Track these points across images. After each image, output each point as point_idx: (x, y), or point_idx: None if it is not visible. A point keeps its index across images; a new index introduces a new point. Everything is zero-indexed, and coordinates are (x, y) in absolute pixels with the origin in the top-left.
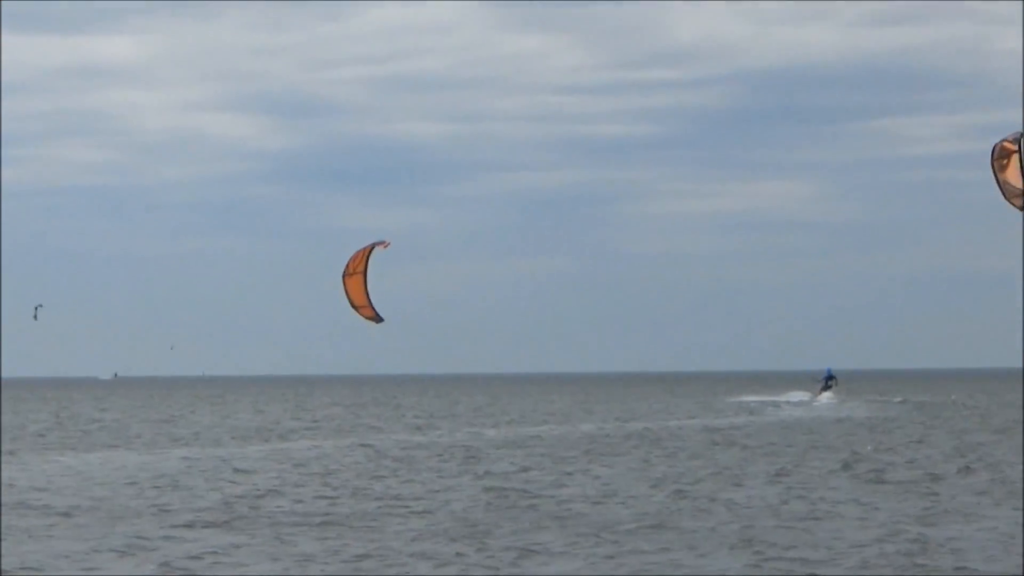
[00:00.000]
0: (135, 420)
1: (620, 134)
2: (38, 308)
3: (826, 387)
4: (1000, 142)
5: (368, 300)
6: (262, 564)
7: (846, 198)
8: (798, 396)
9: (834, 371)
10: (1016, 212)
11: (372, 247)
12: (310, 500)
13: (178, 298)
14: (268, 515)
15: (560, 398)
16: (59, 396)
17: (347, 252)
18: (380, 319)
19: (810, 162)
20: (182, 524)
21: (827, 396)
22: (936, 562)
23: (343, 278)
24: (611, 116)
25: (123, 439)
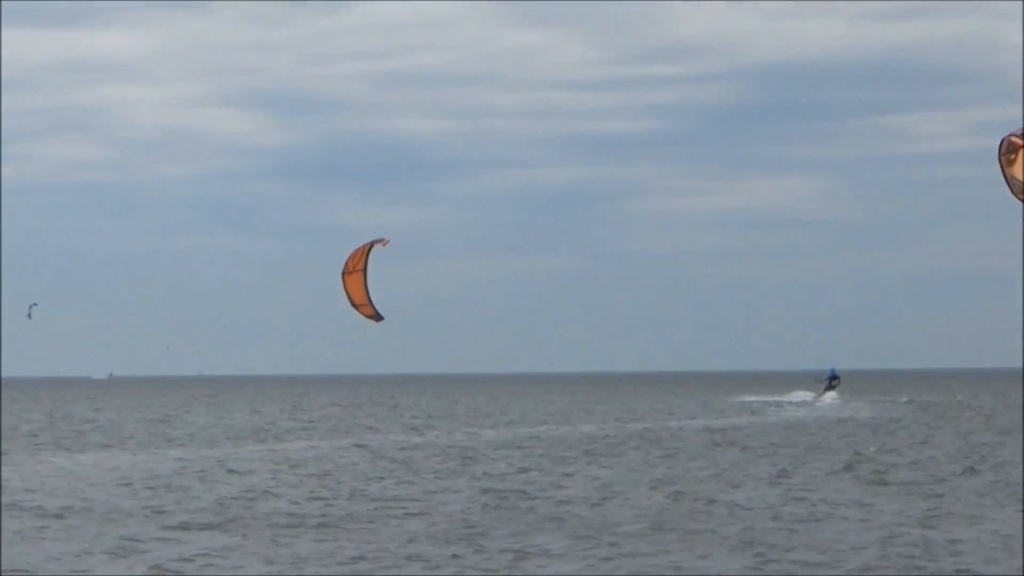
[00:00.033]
0: (129, 420)
1: (622, 130)
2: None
3: (830, 387)
4: (1008, 137)
5: (368, 298)
6: (256, 566)
7: (850, 195)
8: (801, 396)
9: (838, 371)
10: (1020, 209)
11: (371, 245)
12: (305, 501)
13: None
14: (263, 517)
15: (560, 398)
16: (53, 396)
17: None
18: (380, 317)
19: (814, 159)
20: (175, 526)
21: (831, 396)
22: (937, 564)
23: (342, 276)
24: (613, 112)
25: (117, 439)
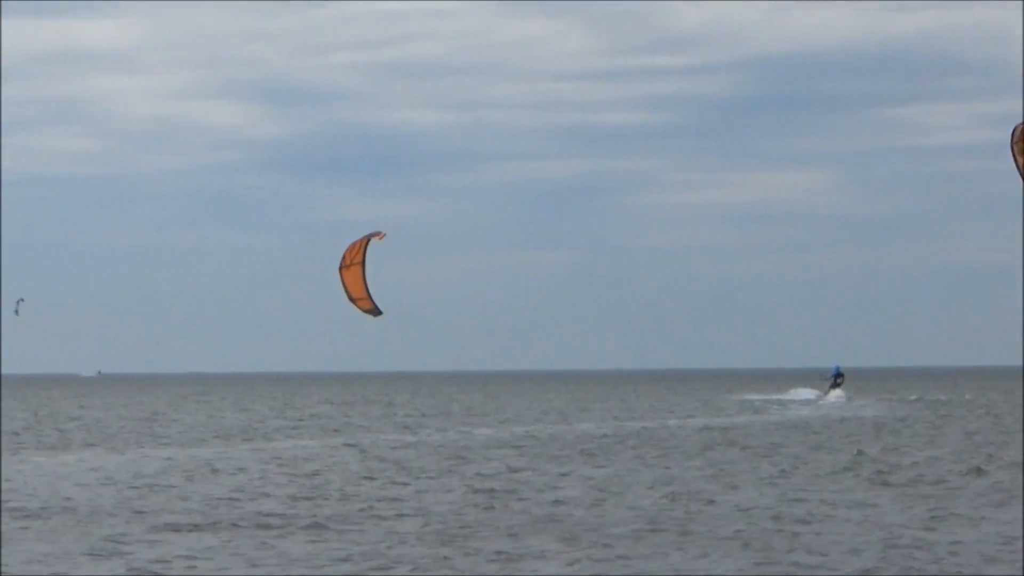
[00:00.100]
0: (116, 418)
1: (623, 122)
2: (19, 302)
3: (834, 385)
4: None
5: (367, 292)
6: (242, 567)
7: (855, 189)
8: (804, 394)
9: (843, 368)
10: None
11: (368, 239)
12: (293, 501)
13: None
14: (250, 517)
15: (557, 396)
16: (39, 394)
17: (341, 245)
18: (379, 312)
19: (818, 152)
20: (160, 526)
21: (836, 394)
22: (938, 566)
23: (340, 270)
24: (614, 104)
25: (102, 438)
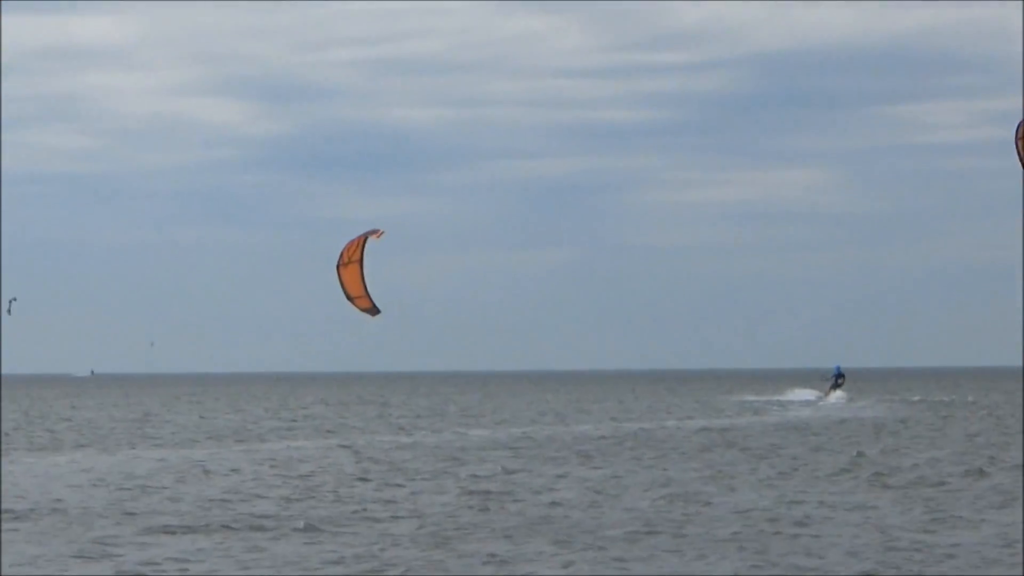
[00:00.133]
0: (107, 419)
1: (624, 120)
2: (12, 302)
3: (836, 385)
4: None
5: (365, 290)
6: (234, 570)
7: (857, 187)
8: (805, 395)
9: (844, 369)
10: None
11: (366, 237)
12: (285, 503)
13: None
14: (241, 519)
15: (555, 397)
16: (31, 394)
17: (339, 244)
18: (377, 310)
19: (819, 150)
20: (151, 528)
21: (837, 395)
22: (937, 568)
23: (337, 268)
24: (614, 101)
25: (93, 439)
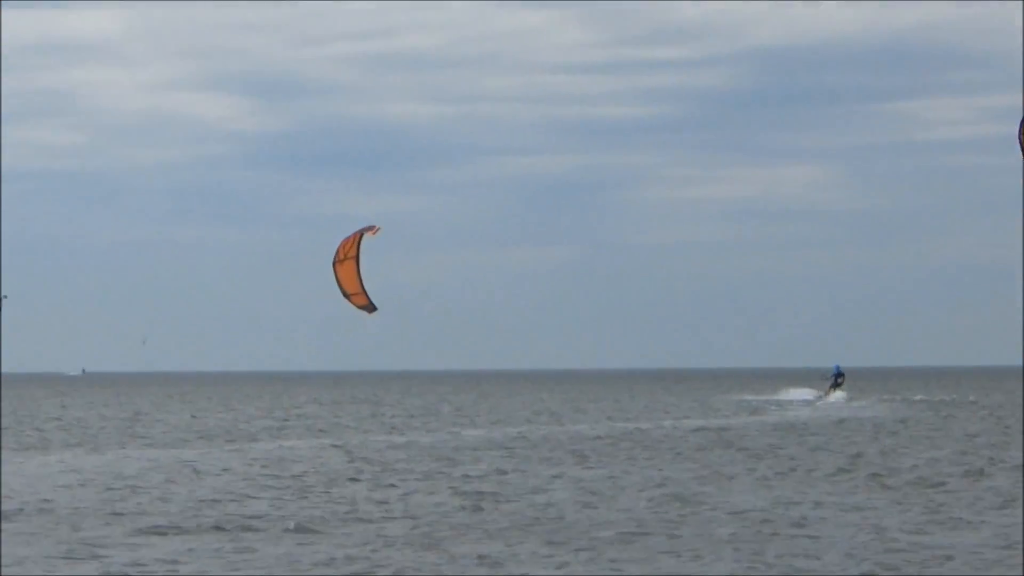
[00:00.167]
0: (97, 418)
1: (623, 116)
2: (2, 299)
3: (835, 385)
4: None
5: (362, 287)
6: (224, 570)
7: (857, 184)
8: (804, 394)
9: (844, 368)
10: None
11: (361, 233)
12: (276, 503)
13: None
14: (232, 519)
15: (551, 396)
16: (22, 393)
17: (333, 241)
18: (374, 308)
19: (819, 146)
20: (139, 529)
21: (837, 395)
22: (935, 570)
23: (333, 265)
24: (612, 97)
25: (82, 438)
